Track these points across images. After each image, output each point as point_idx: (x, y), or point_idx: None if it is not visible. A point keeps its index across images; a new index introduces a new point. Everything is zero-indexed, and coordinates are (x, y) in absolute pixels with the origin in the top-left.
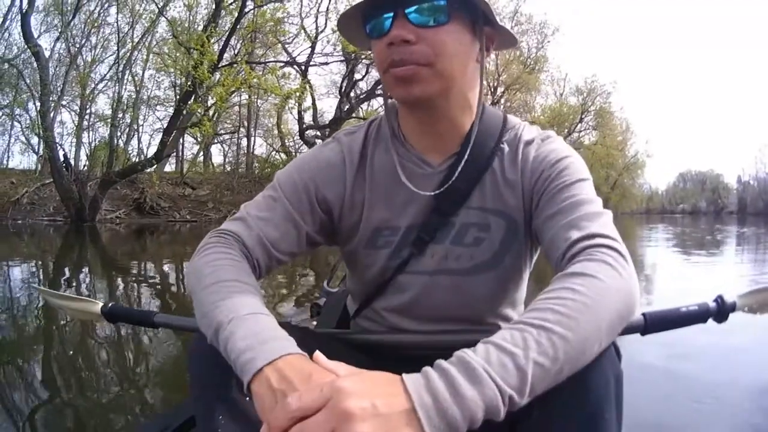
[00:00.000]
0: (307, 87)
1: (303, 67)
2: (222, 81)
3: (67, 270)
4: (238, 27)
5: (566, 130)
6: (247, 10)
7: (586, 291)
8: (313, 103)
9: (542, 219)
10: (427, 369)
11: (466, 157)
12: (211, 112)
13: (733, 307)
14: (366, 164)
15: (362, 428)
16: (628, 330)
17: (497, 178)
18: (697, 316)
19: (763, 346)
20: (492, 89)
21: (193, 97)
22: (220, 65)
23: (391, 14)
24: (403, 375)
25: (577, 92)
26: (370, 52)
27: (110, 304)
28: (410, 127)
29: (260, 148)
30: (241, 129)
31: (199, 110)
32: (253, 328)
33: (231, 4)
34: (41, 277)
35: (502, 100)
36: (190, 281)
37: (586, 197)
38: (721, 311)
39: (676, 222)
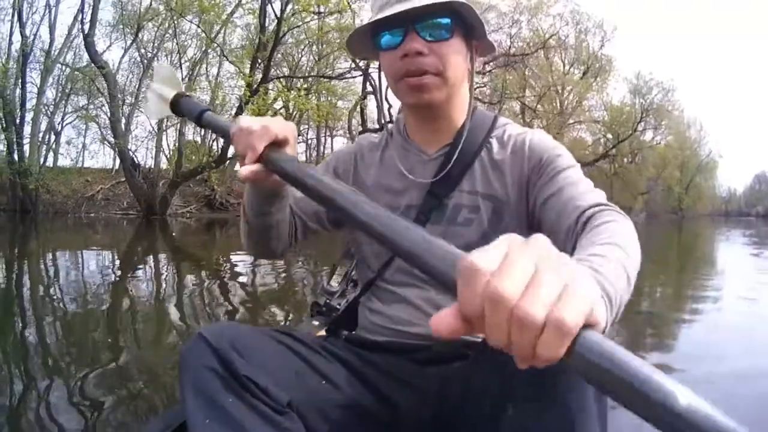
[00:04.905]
0: (368, 91)
1: (362, 73)
2: (257, 101)
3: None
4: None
5: (630, 131)
6: (299, 22)
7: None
8: (377, 106)
9: (543, 198)
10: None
11: (460, 146)
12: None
13: None
14: (376, 159)
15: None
16: None
17: (486, 166)
18: None
19: None
20: (558, 89)
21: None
22: (262, 83)
23: (403, 29)
24: None
25: (635, 91)
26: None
27: (186, 95)
28: (412, 124)
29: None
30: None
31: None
32: None
33: (291, 16)
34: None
35: (570, 97)
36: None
37: (579, 178)
38: None
39: (750, 225)
